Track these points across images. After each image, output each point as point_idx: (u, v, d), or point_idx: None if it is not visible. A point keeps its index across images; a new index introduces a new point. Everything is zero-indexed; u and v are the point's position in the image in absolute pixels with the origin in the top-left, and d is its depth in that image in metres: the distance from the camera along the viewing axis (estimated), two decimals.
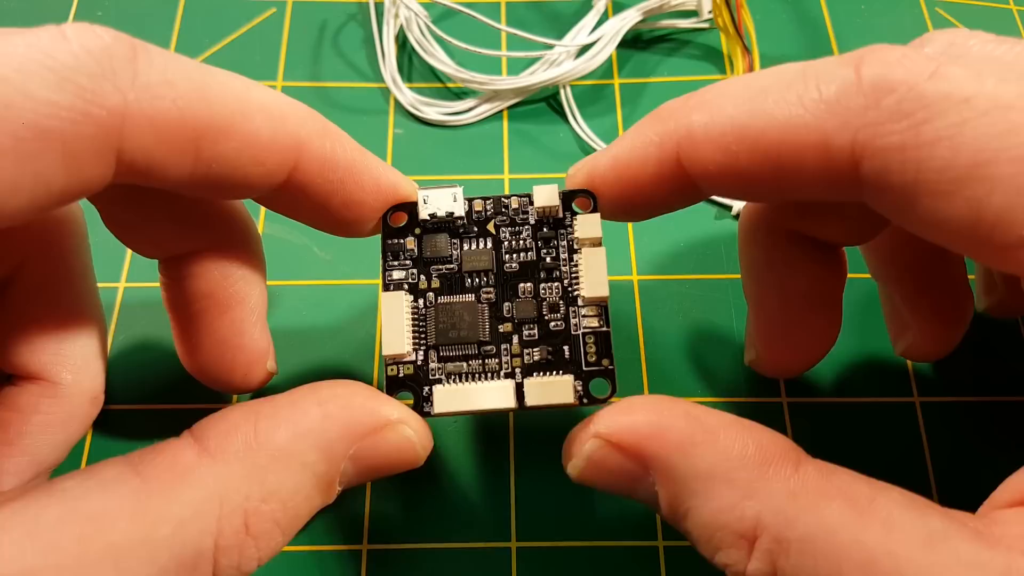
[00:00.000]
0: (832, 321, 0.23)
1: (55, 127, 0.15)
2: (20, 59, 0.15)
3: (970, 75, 0.16)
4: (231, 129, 0.17)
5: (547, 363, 0.20)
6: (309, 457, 0.18)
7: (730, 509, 0.17)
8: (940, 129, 0.15)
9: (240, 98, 0.18)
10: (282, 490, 0.17)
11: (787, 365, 0.24)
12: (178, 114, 0.16)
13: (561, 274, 0.21)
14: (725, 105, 0.18)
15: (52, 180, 0.15)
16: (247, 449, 0.17)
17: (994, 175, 0.15)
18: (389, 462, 0.19)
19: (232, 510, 0.16)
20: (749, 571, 0.17)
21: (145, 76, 0.16)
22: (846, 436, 0.26)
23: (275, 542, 0.17)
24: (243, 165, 0.18)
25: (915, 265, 0.24)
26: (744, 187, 0.19)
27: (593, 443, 0.18)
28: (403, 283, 0.20)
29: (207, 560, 0.16)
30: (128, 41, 0.16)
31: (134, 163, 0.16)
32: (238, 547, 0.17)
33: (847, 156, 0.17)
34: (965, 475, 0.25)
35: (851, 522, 0.16)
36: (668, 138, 0.19)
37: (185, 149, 0.17)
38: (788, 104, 0.17)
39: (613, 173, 0.20)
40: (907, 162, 0.16)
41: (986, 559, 0.15)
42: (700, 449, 0.17)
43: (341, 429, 0.18)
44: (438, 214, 0.21)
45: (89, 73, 0.15)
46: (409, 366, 0.20)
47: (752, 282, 0.24)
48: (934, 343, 0.24)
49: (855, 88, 0.16)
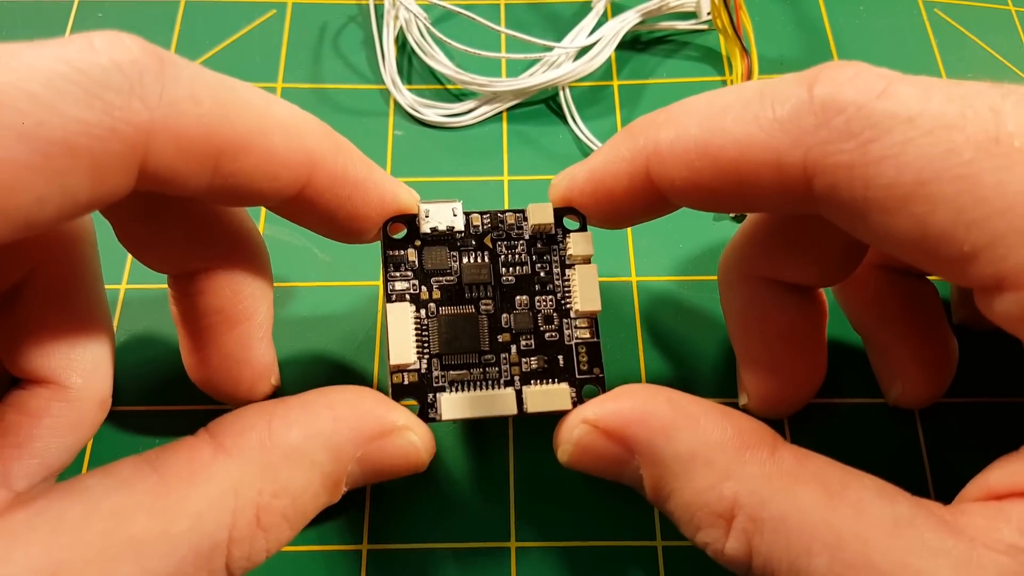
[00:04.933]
0: (816, 360, 0.24)
1: (84, 144, 0.15)
2: (49, 73, 0.15)
3: (918, 93, 0.16)
4: (251, 146, 0.18)
5: (543, 371, 0.21)
6: (319, 457, 0.19)
7: (709, 489, 0.18)
8: (886, 148, 0.16)
9: (261, 115, 0.18)
10: (292, 486, 0.18)
11: (778, 406, 0.24)
12: (202, 131, 0.17)
13: (555, 288, 0.22)
14: (689, 123, 0.19)
15: (79, 193, 0.15)
16: (261, 447, 0.18)
17: (936, 193, 0.15)
18: (394, 466, 0.20)
19: (246, 504, 0.18)
20: (727, 549, 0.18)
21: (172, 91, 0.16)
22: (845, 436, 0.26)
23: (283, 535, 0.18)
24: (259, 179, 0.18)
25: (894, 316, 0.25)
26: (708, 200, 0.20)
27: (581, 428, 0.20)
28: (406, 294, 0.21)
29: (221, 551, 0.17)
30: (156, 53, 0.16)
31: (156, 174, 0.16)
32: (250, 539, 0.18)
33: (799, 173, 0.17)
34: (962, 475, 0.25)
35: (822, 504, 0.17)
36: (638, 154, 0.20)
37: (205, 164, 0.17)
38: (745, 123, 0.18)
39: (590, 186, 0.21)
40: (855, 180, 0.16)
41: (949, 546, 0.16)
42: (681, 433, 0.18)
43: (350, 432, 0.19)
44: (439, 228, 0.21)
45: (118, 88, 0.15)
46: (414, 374, 0.21)
47: (735, 329, 0.24)
48: (924, 389, 0.25)
49: (807, 107, 0.17)
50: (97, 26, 0.33)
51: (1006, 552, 0.15)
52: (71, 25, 0.33)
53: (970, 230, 0.15)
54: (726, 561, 0.18)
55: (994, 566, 0.15)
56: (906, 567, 0.15)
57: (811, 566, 0.16)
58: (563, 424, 0.20)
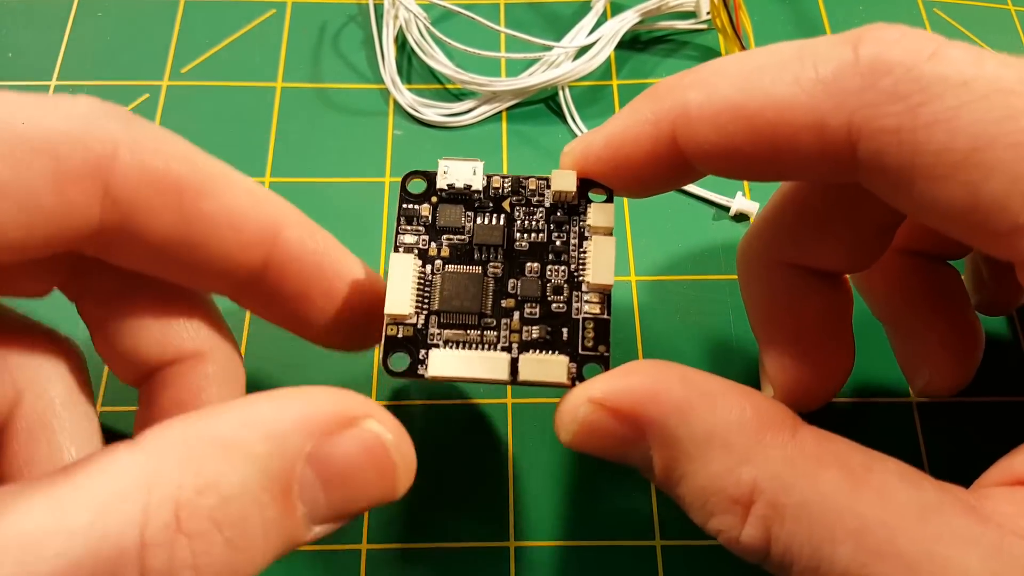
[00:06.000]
0: (845, 349, 0.23)
1: (47, 141, 0.16)
2: (22, 97, 0.17)
3: (970, 57, 0.15)
4: (214, 191, 0.18)
5: (544, 342, 0.20)
6: (257, 448, 0.15)
7: (726, 474, 0.17)
8: (937, 112, 0.15)
9: (224, 171, 0.19)
10: (223, 483, 0.14)
11: (806, 398, 0.23)
12: (164, 165, 0.18)
13: (569, 258, 0.21)
14: (721, 84, 0.18)
15: (42, 195, 0.16)
16: (182, 439, 0.15)
17: (991, 160, 0.15)
18: (358, 473, 0.16)
19: (161, 500, 0.14)
20: (743, 537, 0.17)
21: (140, 125, 0.18)
22: (844, 436, 0.26)
23: (215, 548, 0.14)
24: (222, 228, 0.18)
25: (920, 301, 0.24)
26: (740, 166, 0.19)
27: (587, 407, 0.18)
28: (413, 247, 0.21)
29: (131, 559, 0.13)
30: (123, 110, 0.18)
31: (119, 201, 0.17)
32: (168, 545, 0.14)
33: (843, 137, 0.16)
34: (962, 475, 0.25)
35: (846, 490, 0.16)
36: (663, 116, 0.18)
37: (168, 200, 0.18)
38: (784, 83, 0.17)
39: (607, 151, 0.20)
40: (903, 144, 0.16)
41: (978, 533, 0.15)
42: (697, 413, 0.17)
43: (295, 419, 0.16)
44: (456, 185, 0.21)
45: (87, 111, 0.17)
46: (409, 328, 0.20)
47: (758, 319, 0.23)
48: (950, 377, 0.24)
49: (852, 68, 0.16)
50: (97, 26, 0.33)
51: None
52: (71, 25, 0.33)
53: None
54: (740, 549, 0.17)
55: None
56: (934, 555, 0.15)
57: (835, 554, 0.15)
58: (565, 402, 0.19)
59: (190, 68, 0.33)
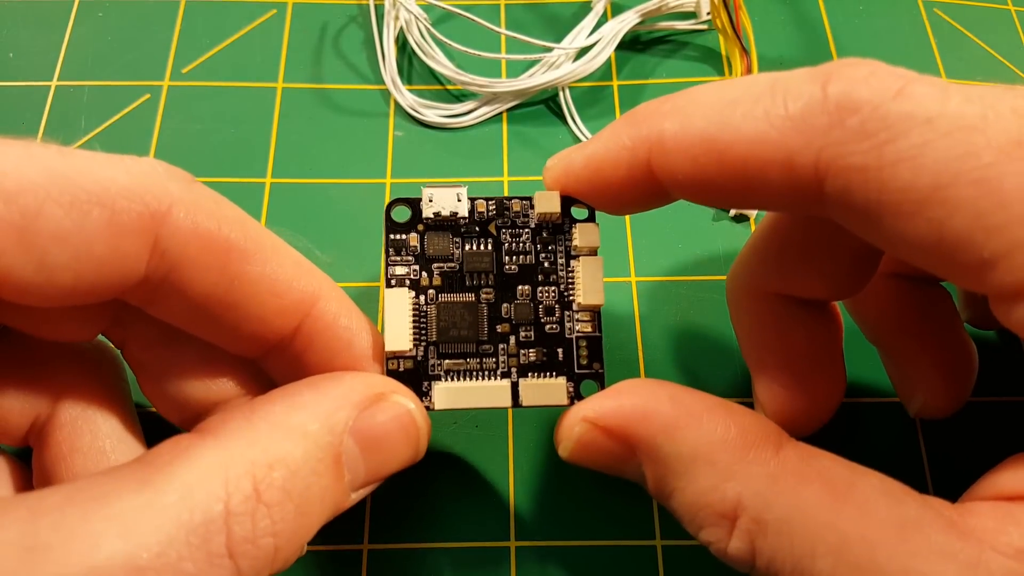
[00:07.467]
0: (836, 375, 0.23)
1: (107, 192, 0.17)
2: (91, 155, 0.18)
3: (935, 93, 0.16)
4: (260, 255, 0.19)
5: (542, 364, 0.21)
6: (311, 427, 0.18)
7: (712, 490, 0.18)
8: (902, 150, 0.15)
9: (273, 241, 0.19)
10: (288, 458, 0.17)
11: (797, 426, 0.23)
12: (215, 226, 0.18)
13: (558, 278, 0.21)
14: (695, 114, 0.18)
15: (95, 243, 0.17)
16: (247, 424, 0.17)
17: (954, 197, 0.15)
18: (391, 439, 0.19)
19: (239, 474, 0.16)
20: (730, 549, 0.17)
21: (198, 189, 0.18)
22: (843, 436, 0.26)
23: (289, 517, 0.17)
24: (263, 293, 0.19)
25: (910, 325, 0.24)
26: (712, 196, 0.19)
27: (582, 426, 0.19)
28: (405, 279, 0.21)
29: (219, 528, 0.15)
30: (186, 174, 0.19)
31: (167, 254, 0.18)
32: (251, 514, 0.16)
33: (811, 174, 0.17)
34: (962, 475, 0.25)
35: (827, 506, 0.16)
36: (640, 143, 0.19)
37: (215, 259, 0.18)
38: (755, 119, 0.17)
39: (587, 172, 0.20)
40: (869, 182, 0.16)
41: (957, 549, 0.15)
42: (684, 432, 0.18)
43: (338, 399, 0.18)
44: (442, 213, 0.21)
45: (150, 170, 0.18)
46: (409, 361, 0.21)
47: (749, 346, 0.23)
48: (945, 399, 0.24)
49: (821, 106, 0.16)
50: (97, 26, 0.33)
51: (1015, 557, 0.15)
52: (71, 25, 0.33)
53: (990, 236, 0.15)
54: (729, 560, 0.18)
55: (1002, 570, 0.15)
56: (911, 570, 0.15)
57: (815, 568, 0.16)
58: (563, 420, 0.20)
59: (191, 68, 0.33)
